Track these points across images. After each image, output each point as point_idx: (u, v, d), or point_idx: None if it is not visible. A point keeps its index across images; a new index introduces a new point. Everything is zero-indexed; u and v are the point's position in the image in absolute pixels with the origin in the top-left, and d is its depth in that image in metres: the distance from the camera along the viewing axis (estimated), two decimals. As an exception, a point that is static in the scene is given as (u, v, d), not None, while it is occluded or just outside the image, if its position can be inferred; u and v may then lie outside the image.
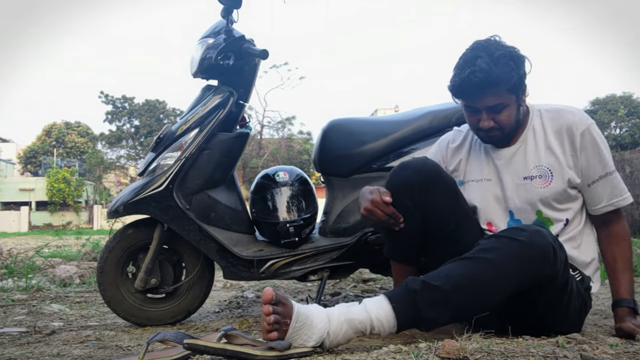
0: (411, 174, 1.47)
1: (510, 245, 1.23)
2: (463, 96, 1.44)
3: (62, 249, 6.56)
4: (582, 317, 1.46)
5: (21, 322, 2.05)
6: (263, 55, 1.94)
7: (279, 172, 2.08)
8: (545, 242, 1.24)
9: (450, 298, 1.20)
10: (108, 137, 29.18)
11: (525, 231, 1.26)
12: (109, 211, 1.91)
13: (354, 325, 1.21)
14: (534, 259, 1.22)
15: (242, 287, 3.21)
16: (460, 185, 1.60)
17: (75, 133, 34.42)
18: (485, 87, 1.38)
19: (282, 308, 1.17)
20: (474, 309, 1.23)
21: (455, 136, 1.66)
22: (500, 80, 1.37)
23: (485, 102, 1.40)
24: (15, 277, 3.48)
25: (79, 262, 4.18)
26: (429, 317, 1.20)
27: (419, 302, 1.20)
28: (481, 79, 1.36)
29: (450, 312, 1.21)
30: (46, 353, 1.46)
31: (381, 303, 1.22)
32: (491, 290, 1.22)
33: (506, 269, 1.22)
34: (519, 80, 1.41)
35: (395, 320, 1.20)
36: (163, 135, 1.96)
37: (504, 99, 1.40)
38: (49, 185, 27.69)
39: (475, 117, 1.45)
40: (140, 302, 1.93)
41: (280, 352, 1.12)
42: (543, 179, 1.45)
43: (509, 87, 1.39)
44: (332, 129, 2.12)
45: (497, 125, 1.43)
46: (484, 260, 1.23)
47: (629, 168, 7.55)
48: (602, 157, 1.44)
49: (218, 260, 1.91)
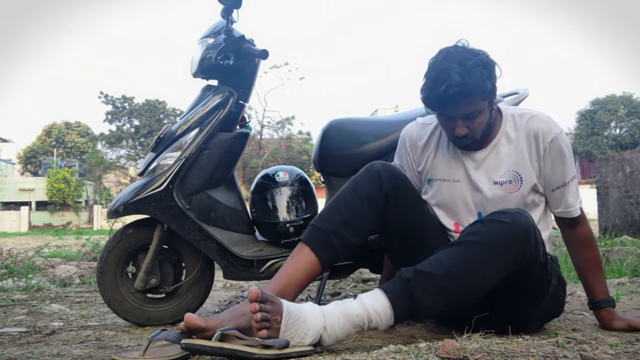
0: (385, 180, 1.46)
1: (495, 227, 1.28)
2: (438, 107, 1.44)
3: (62, 249, 6.57)
4: (561, 297, 1.52)
5: (21, 322, 2.05)
6: (263, 55, 1.94)
7: (279, 172, 2.08)
8: (527, 223, 1.29)
9: (444, 283, 1.23)
10: (108, 137, 29.17)
11: (508, 214, 1.31)
12: (109, 211, 1.91)
13: (351, 319, 1.20)
14: (518, 239, 1.27)
15: (242, 287, 3.22)
16: (428, 183, 1.60)
17: (75, 133, 34.42)
18: (460, 99, 1.38)
19: (270, 306, 1.16)
20: (468, 292, 1.26)
21: (421, 132, 1.64)
22: (475, 89, 1.37)
23: (461, 111, 1.41)
24: (15, 277, 3.48)
25: (79, 262, 4.18)
26: (424, 305, 1.22)
27: (414, 290, 1.21)
28: (457, 92, 1.36)
29: (445, 297, 1.23)
30: (46, 353, 1.46)
31: (376, 295, 1.23)
32: (482, 272, 1.26)
33: (494, 249, 1.26)
34: (492, 87, 1.42)
35: (392, 311, 1.21)
36: (163, 135, 1.96)
37: (478, 106, 1.41)
38: (49, 185, 27.68)
39: (450, 124, 1.46)
40: (140, 302, 1.93)
41: (279, 351, 1.11)
42: (513, 184, 1.48)
43: (483, 94, 1.40)
44: (332, 129, 2.12)
45: (470, 132, 1.44)
46: (473, 243, 1.27)
47: (629, 168, 7.54)
48: (566, 167, 1.48)
49: (218, 260, 1.91)
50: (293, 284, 1.34)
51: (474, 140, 1.47)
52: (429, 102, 1.43)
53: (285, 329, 1.15)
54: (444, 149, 1.59)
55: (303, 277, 1.36)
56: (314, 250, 1.38)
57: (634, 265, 3.20)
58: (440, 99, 1.39)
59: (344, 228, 1.39)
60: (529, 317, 1.44)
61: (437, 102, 1.41)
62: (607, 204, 8.18)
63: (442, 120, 1.48)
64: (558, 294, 1.49)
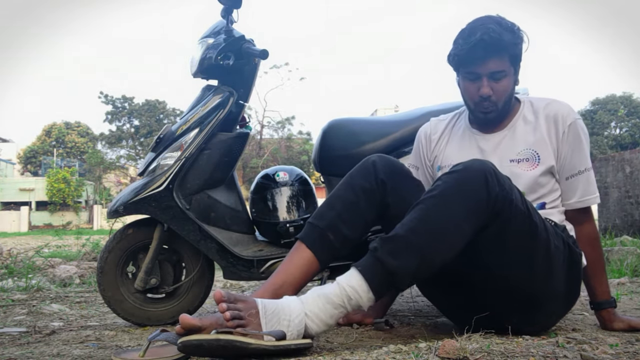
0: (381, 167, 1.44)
1: (448, 178, 1.25)
2: (469, 61, 1.44)
3: (62, 249, 6.57)
4: (574, 271, 1.41)
5: (21, 322, 2.05)
6: (263, 55, 1.94)
7: (279, 172, 2.08)
8: (480, 164, 1.24)
9: (409, 241, 1.19)
10: (108, 137, 29.20)
11: (462, 163, 1.28)
12: (109, 211, 1.91)
13: (330, 301, 1.18)
14: (473, 181, 1.22)
15: (242, 287, 3.22)
16: (438, 170, 1.59)
17: (75, 133, 34.44)
18: (493, 50, 1.40)
19: (242, 304, 1.15)
20: (439, 249, 1.20)
21: (436, 127, 1.66)
22: (508, 45, 1.41)
23: (489, 67, 1.42)
24: (15, 277, 3.48)
25: (79, 262, 4.18)
26: (395, 267, 1.17)
27: (380, 256, 1.18)
28: (493, 39, 1.39)
29: (415, 257, 1.18)
30: (46, 353, 1.46)
31: (350, 272, 1.21)
32: (444, 224, 1.20)
33: (449, 196, 1.22)
34: (520, 52, 1.44)
35: (366, 284, 1.18)
36: (163, 135, 1.96)
37: (506, 67, 1.43)
38: (49, 185, 27.71)
39: (475, 85, 1.46)
40: (140, 302, 1.93)
41: (276, 342, 1.10)
42: (530, 162, 1.46)
43: (512, 56, 1.42)
44: (332, 129, 2.12)
45: (494, 95, 1.44)
46: (430, 198, 1.24)
47: (629, 168, 7.54)
48: (584, 153, 1.47)
49: (218, 260, 1.91)
50: (289, 282, 1.32)
51: (496, 109, 1.46)
52: (461, 53, 1.44)
53: (267, 321, 1.14)
54: (457, 137, 1.59)
55: (300, 275, 1.34)
56: (310, 246, 1.35)
57: (634, 265, 3.21)
58: (473, 49, 1.41)
59: (340, 222, 1.36)
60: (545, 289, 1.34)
61: (469, 53, 1.42)
62: (607, 204, 8.18)
63: (468, 82, 1.47)
64: (567, 262, 1.39)
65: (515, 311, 1.34)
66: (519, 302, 1.34)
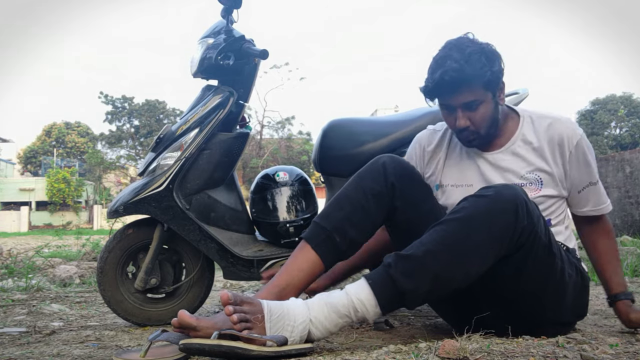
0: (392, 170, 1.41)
1: (477, 202, 1.20)
2: (437, 95, 1.41)
3: (62, 249, 6.56)
4: (583, 296, 1.43)
5: (21, 322, 2.05)
6: (263, 55, 1.94)
7: (279, 172, 2.08)
8: (513, 193, 1.20)
9: (425, 264, 1.16)
10: (108, 137, 29.20)
11: (492, 187, 1.23)
12: (109, 211, 1.91)
13: (336, 310, 1.17)
14: (502, 210, 1.18)
15: (242, 287, 3.22)
16: (437, 189, 1.54)
17: (75, 133, 34.44)
18: (458, 85, 1.35)
19: (249, 307, 1.14)
20: (454, 274, 1.17)
21: (430, 138, 1.61)
22: (473, 76, 1.35)
23: (460, 99, 1.38)
24: (15, 277, 3.48)
25: (79, 262, 4.18)
26: (407, 288, 1.15)
27: (394, 274, 1.16)
28: (453, 77, 1.34)
29: (429, 279, 1.16)
30: (46, 353, 1.46)
31: (360, 284, 1.19)
32: (466, 250, 1.17)
33: (476, 224, 1.17)
34: (493, 76, 1.37)
35: (375, 299, 1.16)
36: (163, 135, 1.96)
37: (479, 96, 1.37)
38: (49, 185, 27.71)
39: (452, 117, 1.42)
40: (140, 302, 1.93)
41: (278, 348, 1.10)
42: (534, 186, 1.43)
43: (482, 83, 1.36)
44: (332, 129, 2.12)
45: (472, 125, 1.40)
46: (454, 220, 1.19)
47: (629, 168, 7.54)
48: (591, 168, 1.46)
49: (218, 260, 1.91)
50: (293, 283, 1.30)
51: (478, 136, 1.42)
52: (427, 90, 1.41)
53: (272, 325, 1.13)
54: (455, 154, 1.54)
55: (304, 276, 1.32)
56: (315, 247, 1.33)
57: (634, 265, 3.20)
58: (437, 86, 1.37)
59: (346, 224, 1.33)
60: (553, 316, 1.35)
61: (434, 89, 1.39)
62: (607, 204, 8.16)
63: (445, 113, 1.44)
64: (582, 295, 1.41)
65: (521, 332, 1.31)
66: (526, 325, 1.33)
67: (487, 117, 1.40)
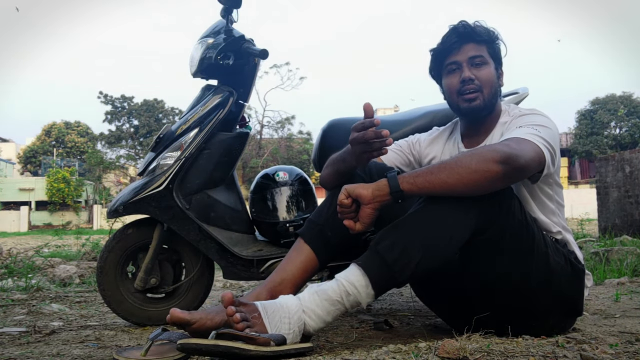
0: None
1: None
2: (446, 51, 1.47)
3: (62, 249, 6.56)
4: (575, 287, 1.40)
5: (21, 322, 2.05)
6: (263, 55, 1.94)
7: (279, 172, 2.08)
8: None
9: (407, 234, 1.19)
10: (108, 137, 29.19)
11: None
12: (109, 211, 1.91)
13: (328, 297, 1.18)
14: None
15: (242, 287, 3.22)
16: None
17: (75, 133, 34.41)
18: (468, 37, 1.45)
19: (245, 308, 1.17)
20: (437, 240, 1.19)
21: (434, 132, 1.68)
22: (483, 35, 1.45)
23: (467, 53, 1.45)
24: (15, 277, 3.48)
25: (79, 262, 4.19)
26: (395, 260, 1.17)
27: (380, 249, 1.18)
28: (467, 28, 1.45)
29: (416, 249, 1.18)
30: (46, 353, 1.46)
31: (350, 268, 1.21)
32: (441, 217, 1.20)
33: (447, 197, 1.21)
34: (499, 52, 1.49)
35: (366, 279, 1.17)
36: (163, 135, 1.96)
37: (484, 54, 1.46)
38: (49, 185, 27.69)
39: (457, 75, 1.47)
40: (140, 302, 1.93)
41: (277, 347, 1.10)
42: None
43: (490, 49, 1.47)
44: (332, 128, 2.12)
45: (477, 80, 1.44)
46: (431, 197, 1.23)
47: (629, 168, 7.54)
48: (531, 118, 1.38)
49: (218, 260, 1.91)
50: (288, 279, 1.33)
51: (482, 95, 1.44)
52: (438, 49, 1.49)
53: (270, 321, 1.15)
54: (450, 148, 1.60)
55: (298, 272, 1.34)
56: (309, 242, 1.36)
57: (634, 265, 3.20)
58: (448, 38, 1.46)
59: (337, 219, 1.33)
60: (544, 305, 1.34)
61: (445, 43, 1.47)
62: (607, 204, 8.17)
63: (450, 75, 1.48)
64: (568, 277, 1.38)
65: (515, 326, 1.31)
66: (518, 317, 1.33)
67: (491, 80, 1.47)
